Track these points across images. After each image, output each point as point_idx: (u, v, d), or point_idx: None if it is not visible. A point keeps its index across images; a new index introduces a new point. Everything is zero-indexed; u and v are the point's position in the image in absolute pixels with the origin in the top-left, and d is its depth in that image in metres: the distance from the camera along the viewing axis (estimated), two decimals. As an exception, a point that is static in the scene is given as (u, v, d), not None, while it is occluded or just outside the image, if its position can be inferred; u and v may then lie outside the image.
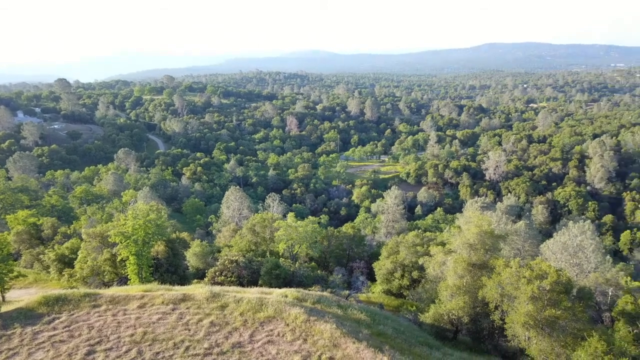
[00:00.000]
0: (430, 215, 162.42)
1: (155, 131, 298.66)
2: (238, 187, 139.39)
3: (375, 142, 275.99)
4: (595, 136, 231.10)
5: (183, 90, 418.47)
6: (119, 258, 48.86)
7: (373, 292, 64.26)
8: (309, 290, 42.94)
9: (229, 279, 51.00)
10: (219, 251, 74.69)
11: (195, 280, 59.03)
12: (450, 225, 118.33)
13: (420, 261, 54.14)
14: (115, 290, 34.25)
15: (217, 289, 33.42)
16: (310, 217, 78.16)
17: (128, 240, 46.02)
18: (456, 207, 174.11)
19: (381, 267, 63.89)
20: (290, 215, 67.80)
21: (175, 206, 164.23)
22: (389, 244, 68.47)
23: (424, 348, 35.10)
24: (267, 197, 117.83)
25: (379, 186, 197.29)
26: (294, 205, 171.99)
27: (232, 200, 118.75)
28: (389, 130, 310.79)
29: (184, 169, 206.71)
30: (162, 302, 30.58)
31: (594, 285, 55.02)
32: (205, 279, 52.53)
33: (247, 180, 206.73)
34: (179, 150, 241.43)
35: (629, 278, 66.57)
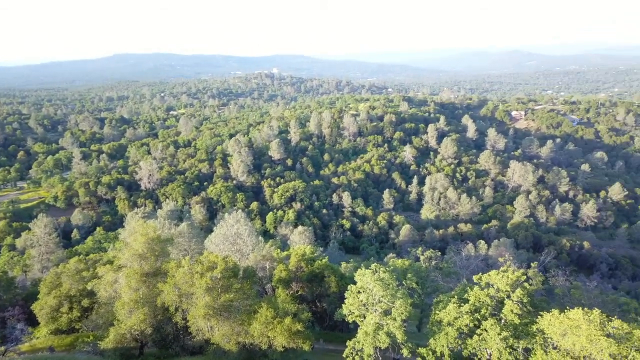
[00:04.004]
0: (90, 237, 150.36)
1: None
2: None
3: (7, 167, 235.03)
4: (231, 136, 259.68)
5: None
6: None
7: (38, 337, 55.71)
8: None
9: None
10: None
11: None
12: (114, 242, 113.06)
13: (89, 286, 50.07)
14: None
15: None
16: None
17: None
18: (117, 223, 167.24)
19: (43, 306, 55.87)
20: None
21: None
22: (47, 278, 60.44)
23: (111, 375, 32.99)
24: None
25: (22, 217, 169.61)
26: None
27: None
28: (22, 153, 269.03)
29: None
30: None
31: (255, 263, 62.68)
32: None
33: None
34: None
35: (278, 250, 78.45)
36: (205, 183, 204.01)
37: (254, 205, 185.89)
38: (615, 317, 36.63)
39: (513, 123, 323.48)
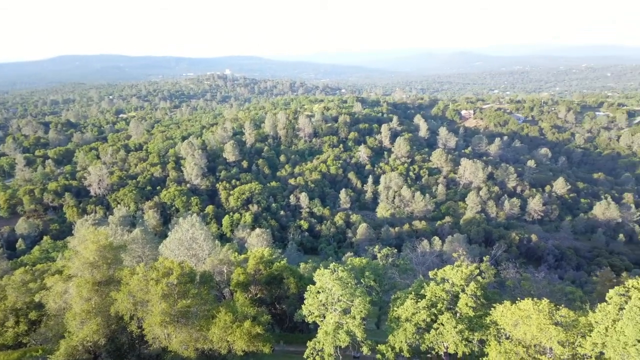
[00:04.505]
0: (37, 247, 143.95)
1: None
2: None
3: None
4: (183, 138, 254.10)
5: None
6: None
7: (-19, 355, 52.71)
8: None
9: None
10: None
11: None
12: (63, 251, 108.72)
13: (37, 298, 47.89)
14: None
15: None
16: None
17: None
18: (66, 231, 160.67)
19: (-15, 322, 52.94)
20: None
21: None
22: (-10, 292, 57.32)
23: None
24: None
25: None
26: None
27: None
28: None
29: None
30: None
31: (212, 268, 61.71)
32: None
33: None
34: None
35: (236, 254, 77.57)
36: (158, 187, 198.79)
37: (210, 208, 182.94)
38: (562, 305, 38.44)
39: (463, 122, 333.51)
